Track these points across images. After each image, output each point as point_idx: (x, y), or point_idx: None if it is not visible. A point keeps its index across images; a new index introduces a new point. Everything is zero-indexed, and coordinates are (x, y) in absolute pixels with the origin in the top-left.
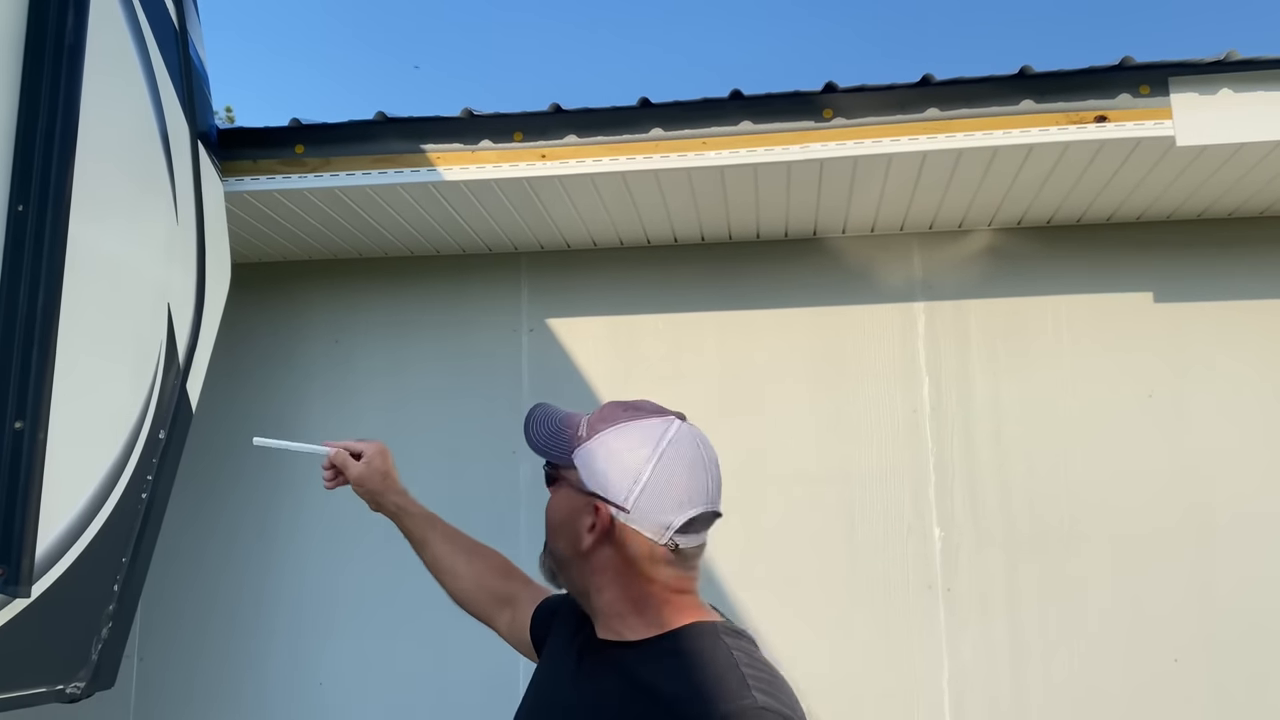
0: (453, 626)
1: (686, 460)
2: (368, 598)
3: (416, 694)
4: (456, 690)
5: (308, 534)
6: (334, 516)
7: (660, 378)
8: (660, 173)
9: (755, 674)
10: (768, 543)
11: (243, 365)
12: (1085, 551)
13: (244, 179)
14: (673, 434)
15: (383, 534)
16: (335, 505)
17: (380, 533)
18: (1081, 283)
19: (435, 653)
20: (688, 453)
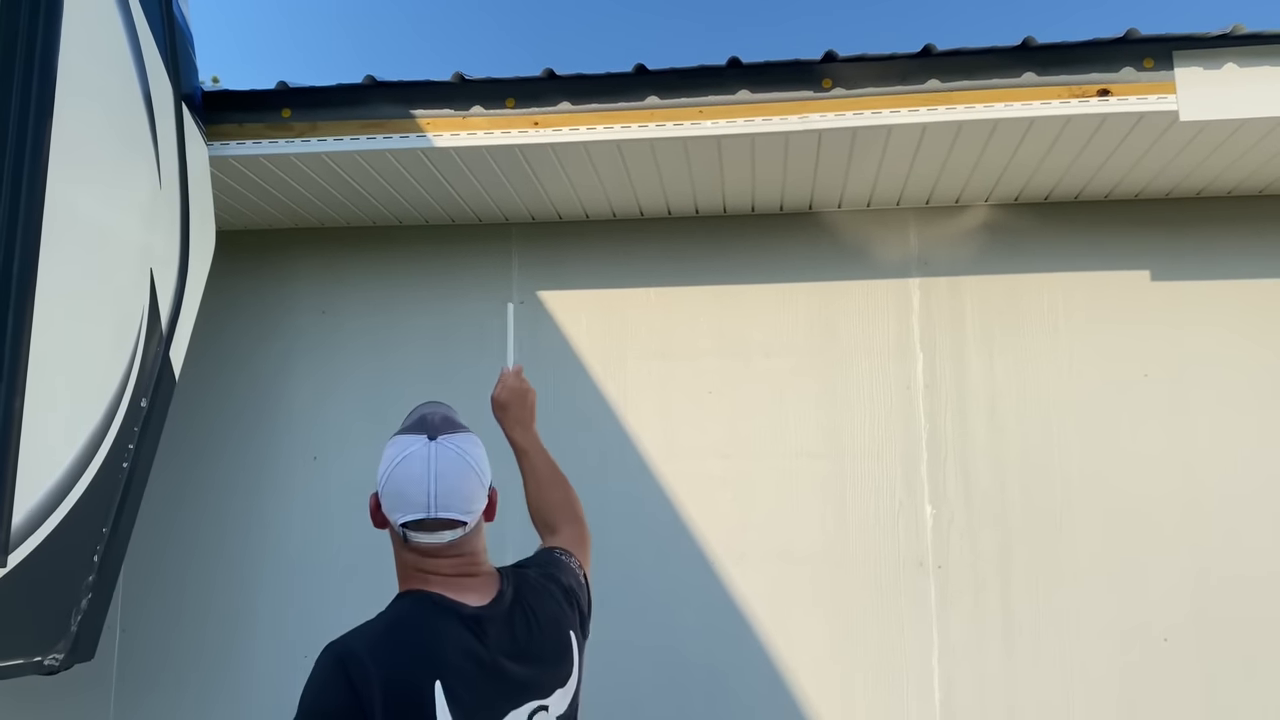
0: None
1: (411, 475)
2: (355, 570)
3: None
4: None
5: (293, 505)
6: (321, 488)
7: (652, 351)
8: (655, 142)
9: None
10: (759, 518)
11: (228, 334)
12: (1078, 531)
13: (229, 143)
14: (410, 451)
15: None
16: (321, 477)
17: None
18: (1078, 260)
19: None
20: (415, 469)
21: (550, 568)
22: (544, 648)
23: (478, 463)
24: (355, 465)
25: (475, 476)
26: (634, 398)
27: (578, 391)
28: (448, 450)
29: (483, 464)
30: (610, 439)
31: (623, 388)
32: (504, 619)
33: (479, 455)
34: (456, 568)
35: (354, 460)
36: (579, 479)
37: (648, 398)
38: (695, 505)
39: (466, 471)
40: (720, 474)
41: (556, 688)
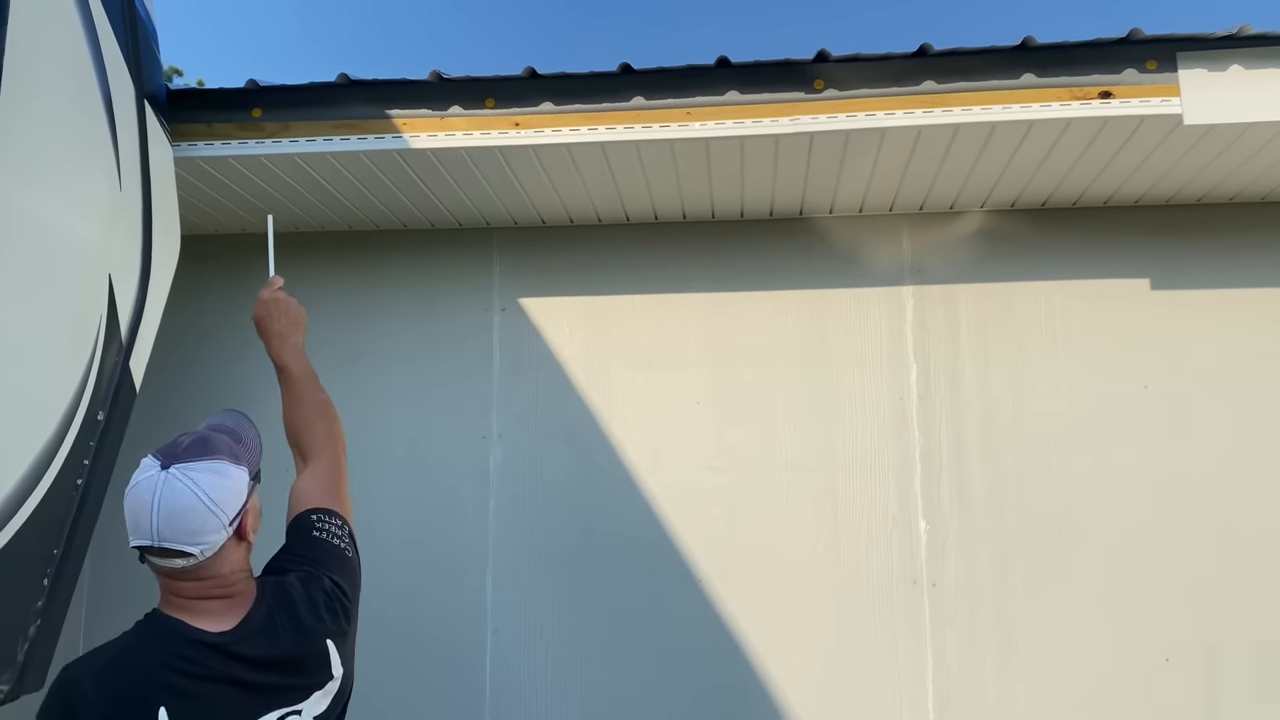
0: (425, 570)
1: (139, 503)
2: None
3: (387, 633)
4: (427, 627)
5: (265, 520)
6: None
7: (638, 360)
8: (641, 144)
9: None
10: (748, 532)
11: (193, 344)
12: (1076, 547)
13: (197, 144)
14: (141, 479)
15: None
16: None
17: None
18: (1076, 268)
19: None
20: (142, 498)
21: (314, 564)
22: (299, 658)
23: (210, 496)
24: None
25: (203, 511)
26: (619, 408)
27: (561, 401)
28: (176, 483)
29: (219, 495)
30: (595, 450)
31: (607, 398)
32: (253, 637)
33: (217, 486)
34: (199, 591)
35: None
36: (560, 491)
37: (633, 408)
38: (682, 519)
39: (192, 507)
40: (708, 487)
41: (314, 691)
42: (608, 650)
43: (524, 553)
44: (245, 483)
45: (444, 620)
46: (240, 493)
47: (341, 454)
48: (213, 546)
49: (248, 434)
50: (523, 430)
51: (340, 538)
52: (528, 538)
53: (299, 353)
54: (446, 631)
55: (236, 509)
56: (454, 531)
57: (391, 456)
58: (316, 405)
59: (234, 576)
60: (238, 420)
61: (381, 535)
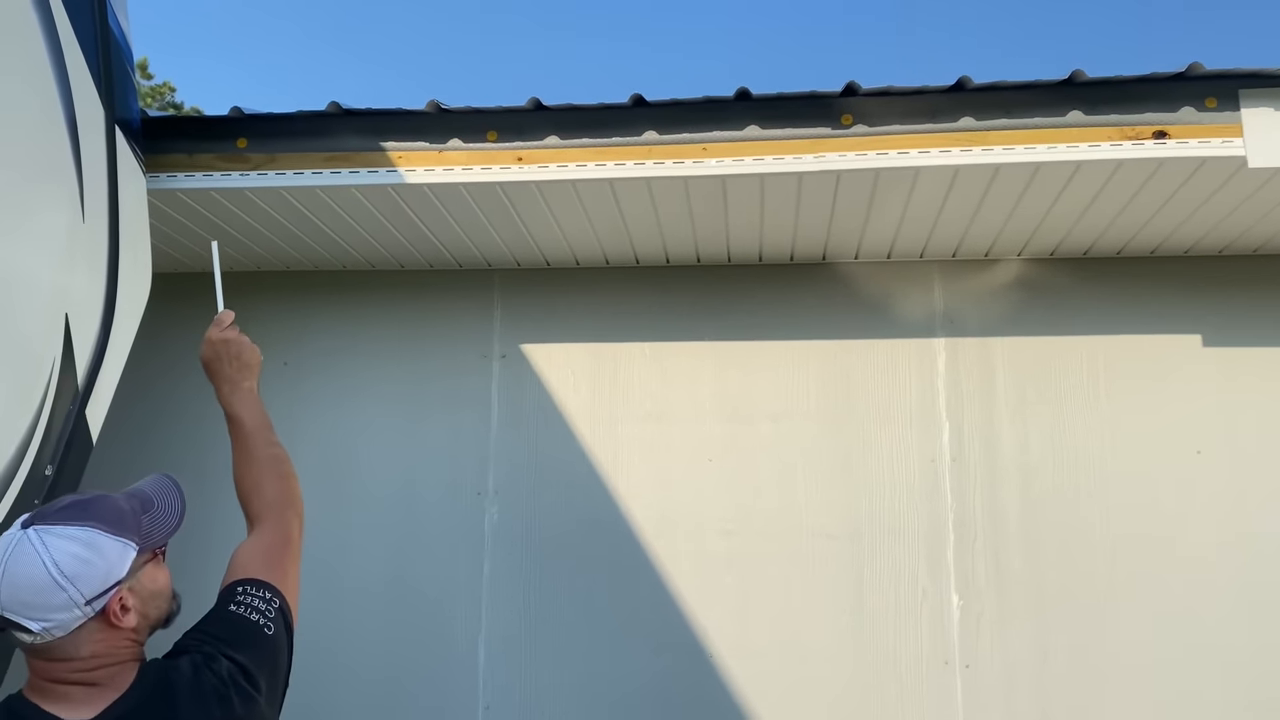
0: (412, 638)
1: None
2: (312, 647)
3: None
4: (413, 701)
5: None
6: None
7: (647, 413)
8: (653, 181)
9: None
10: (766, 606)
11: (171, 390)
12: (1123, 628)
13: (177, 175)
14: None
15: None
16: None
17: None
18: (1121, 322)
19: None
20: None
21: (219, 643)
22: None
23: (61, 568)
24: (313, 536)
25: (49, 585)
26: (626, 464)
27: (564, 455)
28: (27, 547)
29: (74, 569)
30: (599, 509)
31: (613, 453)
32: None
33: (74, 558)
34: (52, 673)
35: (313, 530)
36: (560, 553)
37: (641, 464)
38: (693, 589)
39: (36, 578)
40: (722, 554)
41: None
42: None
43: (520, 622)
44: (123, 558)
45: (432, 694)
46: (110, 570)
47: (293, 519)
48: (61, 626)
49: (164, 503)
50: (521, 487)
51: (263, 613)
52: (524, 605)
53: (252, 400)
54: (434, 707)
55: (100, 587)
56: (445, 596)
57: (379, 512)
58: (269, 461)
59: (97, 662)
60: (160, 487)
61: (365, 599)
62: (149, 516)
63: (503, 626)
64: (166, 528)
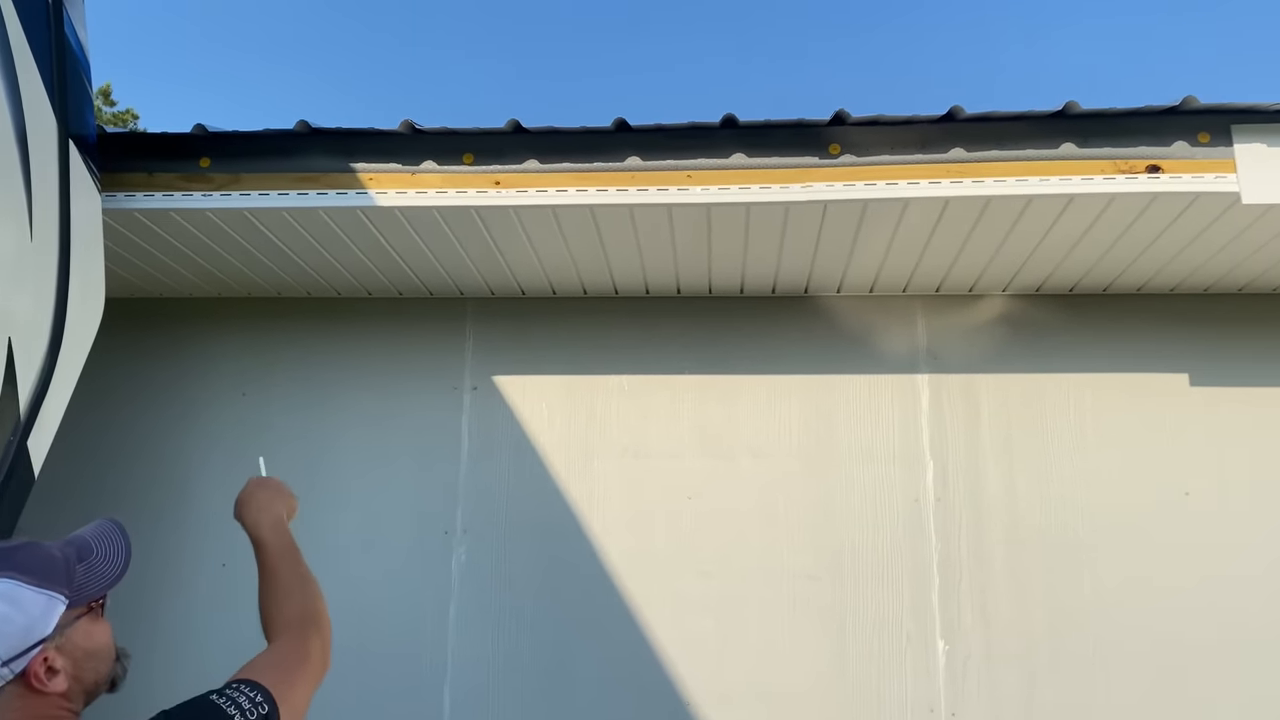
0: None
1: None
2: None
3: None
4: None
5: (198, 619)
6: (230, 600)
7: (624, 448)
8: (636, 208)
9: None
10: (745, 651)
11: (127, 420)
12: (1113, 672)
13: (135, 194)
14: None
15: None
16: (231, 588)
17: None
18: (1107, 359)
19: None
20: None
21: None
22: None
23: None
24: None
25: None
26: (602, 501)
27: (536, 493)
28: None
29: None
30: (573, 549)
31: (589, 489)
32: None
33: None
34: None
35: None
36: (531, 596)
37: (618, 502)
38: (670, 633)
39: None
40: (700, 596)
41: None
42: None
43: (489, 667)
44: (48, 613)
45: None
46: (29, 628)
47: (314, 638)
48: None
49: (105, 550)
50: (492, 525)
51: (245, 712)
52: (493, 649)
53: (281, 526)
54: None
55: (18, 646)
56: (409, 640)
57: (341, 551)
58: (296, 581)
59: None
60: (102, 532)
61: None
62: (85, 565)
63: (470, 673)
64: (106, 578)
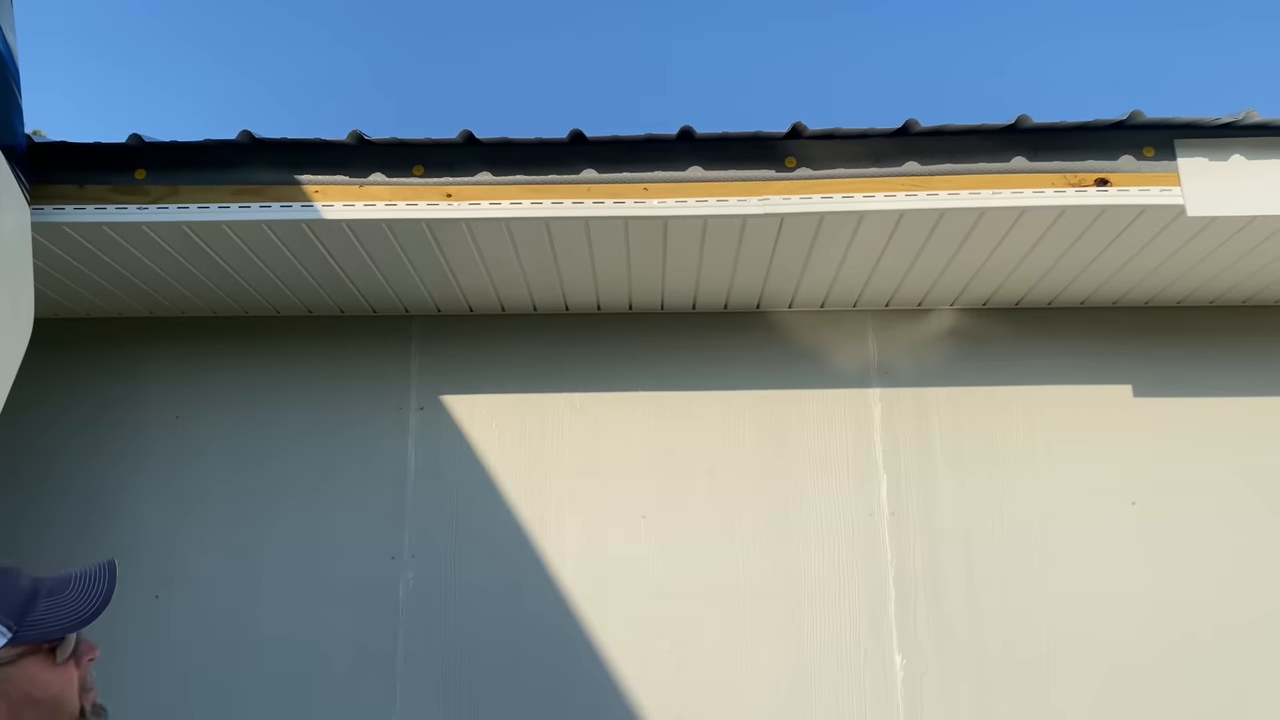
0: None
1: None
2: None
3: None
4: None
5: (129, 655)
6: (163, 634)
7: (577, 467)
8: (592, 221)
9: None
10: (701, 672)
11: (54, 442)
12: (1065, 682)
13: (65, 207)
14: None
15: None
16: (163, 621)
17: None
18: (1054, 372)
19: None
20: None
21: None
22: None
23: None
24: (209, 606)
25: None
26: (554, 522)
27: (486, 514)
28: None
29: None
30: (525, 572)
31: (540, 511)
32: None
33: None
34: None
35: (207, 600)
36: (482, 621)
37: (570, 523)
38: (625, 655)
39: None
40: (655, 617)
41: None
42: None
43: (440, 700)
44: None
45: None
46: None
47: None
48: None
49: (80, 588)
50: (440, 549)
51: None
52: (444, 681)
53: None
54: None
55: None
56: (355, 673)
57: (281, 583)
58: None
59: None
60: (88, 573)
61: (267, 678)
62: (51, 601)
63: (420, 707)
64: (70, 617)
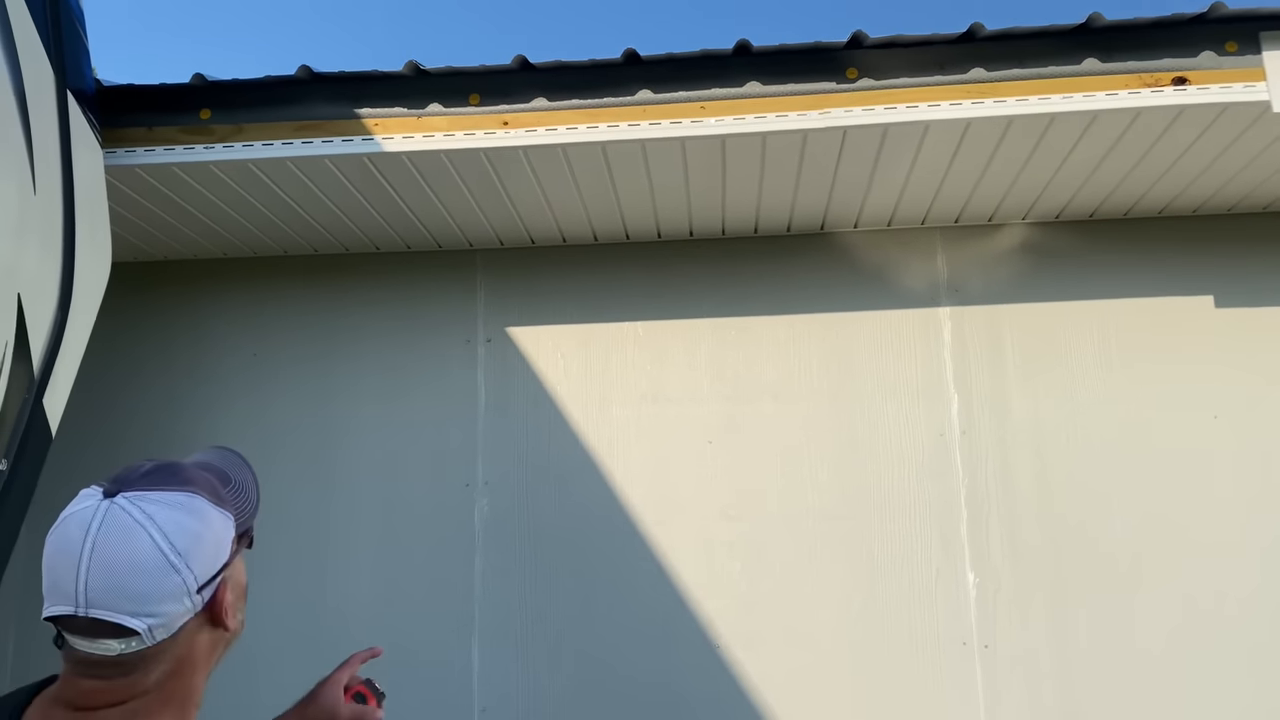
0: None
1: (63, 547)
2: (284, 658)
3: None
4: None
5: None
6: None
7: (642, 394)
8: (649, 143)
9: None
10: (772, 592)
11: (134, 383)
12: (1147, 599)
13: (135, 150)
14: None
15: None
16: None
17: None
18: (1131, 284)
19: None
20: (68, 538)
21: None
22: None
23: (174, 542)
24: (292, 539)
25: (161, 567)
26: (621, 449)
27: (554, 442)
28: (123, 518)
29: (185, 542)
30: (593, 498)
31: (608, 438)
32: None
33: (184, 529)
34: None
35: (291, 533)
36: (555, 546)
37: (637, 449)
38: (695, 577)
39: (142, 558)
40: (724, 540)
41: None
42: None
43: (516, 618)
44: (226, 535)
45: (424, 697)
46: (221, 547)
47: None
48: (166, 627)
49: (240, 476)
50: (512, 477)
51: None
52: (519, 601)
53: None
54: (427, 710)
55: (210, 569)
56: (435, 595)
57: (363, 509)
58: None
59: (168, 681)
60: (227, 459)
61: (351, 601)
62: (231, 490)
63: (497, 624)
64: (248, 505)
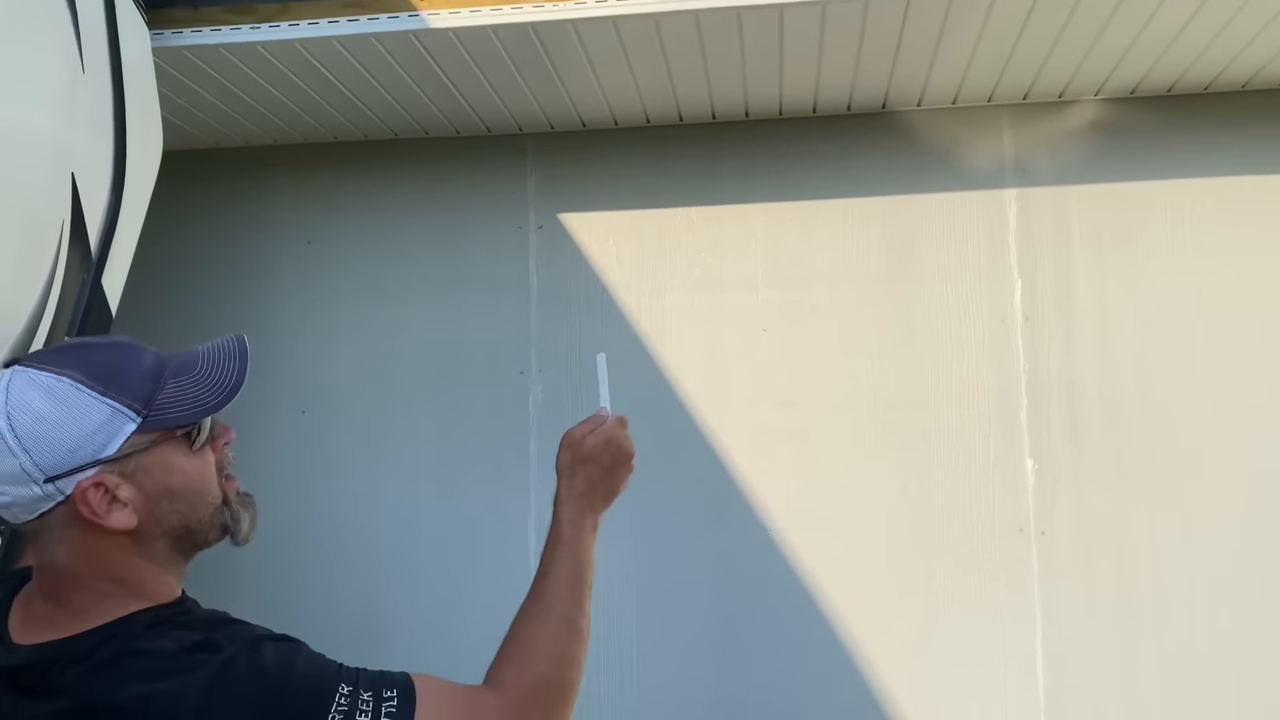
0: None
1: None
2: (344, 532)
3: None
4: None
5: (277, 466)
6: (308, 446)
7: (695, 281)
8: (701, 13)
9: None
10: (828, 478)
11: (191, 271)
12: (1211, 489)
13: (182, 31)
14: None
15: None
16: (308, 434)
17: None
18: (1209, 164)
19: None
20: None
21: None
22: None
23: (14, 426)
24: (348, 420)
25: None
26: (675, 336)
27: (608, 330)
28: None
29: (29, 428)
30: (647, 385)
31: (661, 325)
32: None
33: (32, 414)
34: (38, 581)
35: (347, 414)
36: None
37: (691, 336)
38: (749, 463)
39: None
40: (779, 426)
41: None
42: (667, 606)
43: None
44: (109, 429)
45: (485, 578)
46: (82, 440)
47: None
48: (23, 507)
49: (210, 367)
50: (565, 363)
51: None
52: None
53: (590, 539)
54: (489, 589)
55: (65, 463)
56: (492, 478)
57: (418, 395)
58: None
59: (74, 580)
60: (217, 350)
61: (411, 485)
62: (181, 380)
63: None
64: (204, 399)
